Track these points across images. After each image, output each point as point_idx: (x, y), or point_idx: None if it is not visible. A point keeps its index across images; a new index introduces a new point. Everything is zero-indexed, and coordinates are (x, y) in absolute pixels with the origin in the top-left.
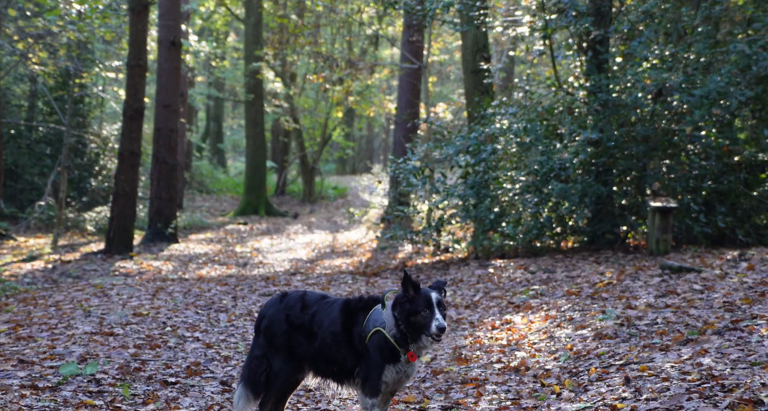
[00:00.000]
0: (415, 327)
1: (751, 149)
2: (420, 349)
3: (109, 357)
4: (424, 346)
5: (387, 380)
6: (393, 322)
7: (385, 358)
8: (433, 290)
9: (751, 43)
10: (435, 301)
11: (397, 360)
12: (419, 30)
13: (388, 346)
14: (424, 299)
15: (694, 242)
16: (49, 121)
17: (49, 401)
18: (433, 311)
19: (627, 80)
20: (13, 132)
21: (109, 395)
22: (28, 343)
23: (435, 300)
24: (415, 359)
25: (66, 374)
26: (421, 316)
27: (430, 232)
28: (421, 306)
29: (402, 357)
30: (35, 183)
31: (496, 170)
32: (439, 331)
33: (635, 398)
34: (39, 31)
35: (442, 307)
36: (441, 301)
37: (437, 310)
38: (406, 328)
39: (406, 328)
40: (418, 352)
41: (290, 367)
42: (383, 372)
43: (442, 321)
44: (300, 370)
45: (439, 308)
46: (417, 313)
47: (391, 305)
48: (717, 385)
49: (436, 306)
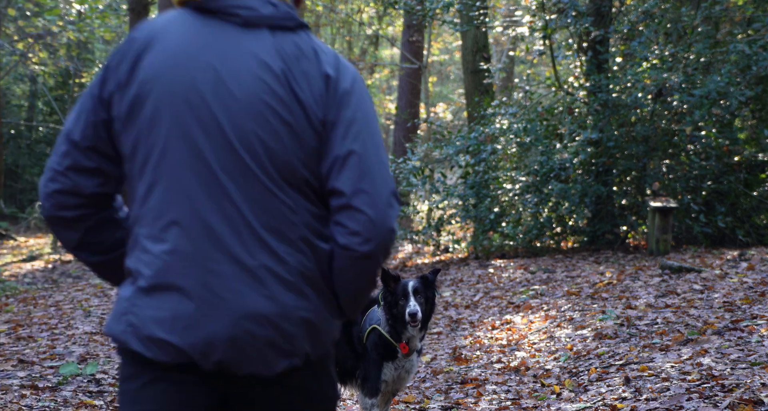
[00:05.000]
0: (397, 317)
1: (751, 149)
2: (409, 340)
3: (109, 357)
4: (411, 335)
5: (386, 379)
6: (385, 318)
7: (382, 356)
8: (412, 279)
9: (751, 43)
10: (411, 289)
11: (394, 357)
12: (419, 30)
13: (383, 342)
14: (402, 289)
15: (694, 242)
16: (49, 121)
17: (49, 401)
18: (408, 299)
19: (627, 80)
20: (13, 132)
21: (109, 395)
22: (28, 343)
23: (411, 288)
24: (407, 351)
25: (66, 374)
26: (399, 306)
27: (430, 232)
28: (399, 295)
29: (399, 353)
30: (35, 183)
31: (496, 170)
32: (410, 316)
33: (635, 398)
34: (39, 31)
35: (418, 294)
36: (418, 288)
37: (412, 298)
38: (392, 321)
39: (392, 321)
40: (409, 343)
41: None
42: (382, 370)
43: (413, 307)
44: None
45: (415, 296)
46: (397, 303)
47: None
48: (717, 385)
49: (411, 294)
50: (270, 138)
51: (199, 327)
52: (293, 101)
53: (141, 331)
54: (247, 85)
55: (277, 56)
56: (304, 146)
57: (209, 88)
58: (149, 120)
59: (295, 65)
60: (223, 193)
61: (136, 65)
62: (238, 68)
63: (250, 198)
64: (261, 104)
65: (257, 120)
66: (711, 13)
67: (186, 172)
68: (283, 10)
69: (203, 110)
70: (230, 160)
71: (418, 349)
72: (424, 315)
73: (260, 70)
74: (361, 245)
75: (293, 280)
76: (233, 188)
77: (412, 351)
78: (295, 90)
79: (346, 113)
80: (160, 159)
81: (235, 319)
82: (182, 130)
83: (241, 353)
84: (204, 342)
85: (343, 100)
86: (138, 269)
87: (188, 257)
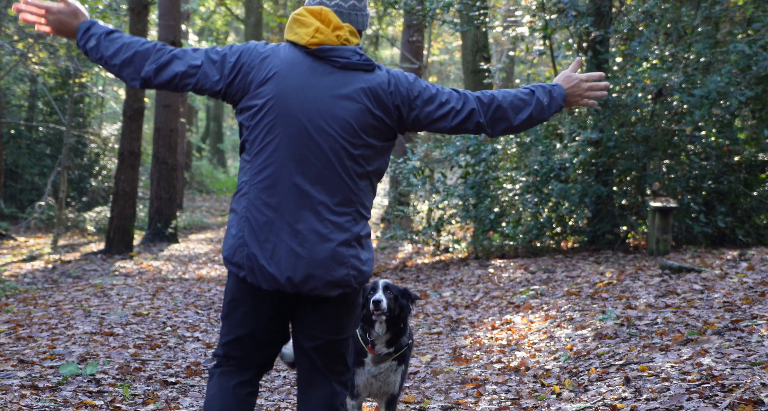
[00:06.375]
0: (366, 316)
1: (751, 149)
2: (375, 340)
3: (109, 357)
4: (377, 334)
5: (359, 384)
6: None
7: (354, 360)
8: (387, 280)
9: (751, 43)
10: (381, 285)
11: (362, 360)
12: (419, 30)
13: (356, 347)
14: (372, 284)
15: (694, 242)
16: (49, 121)
17: (49, 401)
18: (376, 291)
19: (627, 80)
20: (13, 132)
21: (109, 395)
22: (28, 343)
23: (382, 284)
24: (374, 352)
25: (66, 374)
26: (366, 300)
27: (430, 232)
28: (368, 290)
29: (368, 357)
30: (35, 183)
31: (496, 170)
32: (374, 304)
33: (635, 398)
34: (39, 31)
35: (388, 290)
36: (389, 285)
37: (380, 290)
38: (362, 321)
39: (361, 321)
40: (375, 343)
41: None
42: (354, 376)
43: (378, 296)
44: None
45: (384, 290)
46: (366, 299)
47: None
48: (717, 385)
49: (381, 288)
50: (350, 148)
51: (286, 261)
52: (373, 119)
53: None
54: (340, 110)
55: (363, 91)
56: (370, 149)
57: (315, 110)
58: (267, 122)
59: (375, 97)
60: (314, 175)
61: (267, 79)
62: (336, 98)
63: (329, 182)
64: (347, 125)
65: (344, 135)
66: (711, 13)
67: (289, 162)
68: (365, 58)
69: (308, 125)
70: (319, 157)
71: (383, 353)
72: (391, 313)
73: (351, 101)
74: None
75: (347, 238)
76: (320, 173)
77: (379, 354)
78: (375, 113)
79: (419, 95)
80: (272, 147)
81: (311, 260)
82: (290, 136)
83: (311, 283)
84: (290, 273)
85: (409, 94)
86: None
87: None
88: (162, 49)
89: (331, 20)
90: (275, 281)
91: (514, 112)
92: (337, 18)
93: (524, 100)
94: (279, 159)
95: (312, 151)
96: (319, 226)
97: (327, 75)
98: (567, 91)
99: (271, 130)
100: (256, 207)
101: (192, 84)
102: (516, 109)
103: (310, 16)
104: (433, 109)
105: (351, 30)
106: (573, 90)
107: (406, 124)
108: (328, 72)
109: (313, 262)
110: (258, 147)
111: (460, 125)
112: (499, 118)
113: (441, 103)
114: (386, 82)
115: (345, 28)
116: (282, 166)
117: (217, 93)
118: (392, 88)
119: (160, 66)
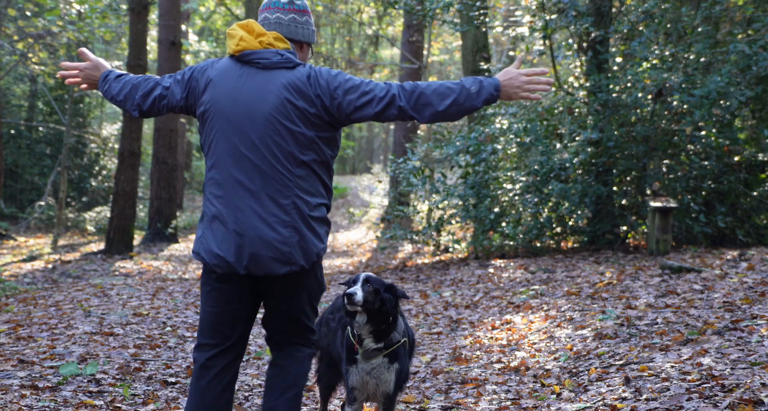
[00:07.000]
0: (344, 307)
1: (751, 149)
2: (360, 333)
3: (109, 357)
4: (359, 325)
5: (354, 384)
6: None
7: (347, 359)
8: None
9: (751, 43)
10: (362, 278)
11: (354, 358)
12: (419, 30)
13: (348, 344)
14: (353, 278)
15: (694, 242)
16: (49, 121)
17: (49, 401)
18: (356, 284)
19: (627, 80)
20: (13, 132)
21: (109, 395)
22: (28, 343)
23: (362, 277)
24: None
25: (66, 374)
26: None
27: (430, 232)
28: (349, 283)
29: (359, 354)
30: (35, 183)
31: (496, 170)
32: (347, 297)
33: (635, 398)
34: (39, 31)
35: (368, 283)
36: (370, 277)
37: (359, 284)
38: (345, 313)
39: (345, 314)
40: (362, 337)
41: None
42: (349, 377)
43: (351, 289)
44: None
45: (363, 284)
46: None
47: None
48: (717, 385)
49: (360, 282)
50: (278, 138)
51: (233, 246)
52: (295, 109)
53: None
54: (263, 104)
55: (283, 85)
56: (300, 139)
57: (242, 108)
58: (210, 126)
59: (294, 89)
60: (248, 167)
61: (206, 89)
62: (259, 94)
63: (263, 171)
64: (271, 117)
65: (270, 126)
66: (711, 13)
67: (227, 158)
68: (286, 57)
69: (238, 122)
70: (251, 149)
71: (370, 348)
72: (370, 306)
73: (273, 95)
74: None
75: (289, 220)
76: (253, 164)
77: (368, 350)
78: (296, 104)
79: (339, 85)
80: (215, 147)
81: (253, 243)
82: (225, 135)
83: (258, 263)
84: (236, 256)
85: (328, 85)
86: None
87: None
88: (148, 79)
89: (254, 29)
90: (227, 264)
91: (439, 98)
92: (260, 27)
93: (450, 88)
94: (220, 156)
95: (245, 145)
96: (261, 211)
97: (252, 76)
98: (502, 82)
99: (212, 131)
100: (209, 200)
101: (165, 105)
102: (440, 96)
103: (238, 28)
104: (355, 98)
105: (276, 36)
106: (510, 82)
107: (334, 113)
108: (253, 74)
109: (257, 243)
110: (207, 148)
111: (384, 111)
112: (424, 104)
113: (364, 93)
114: (306, 75)
115: (269, 35)
116: (223, 162)
117: (182, 108)
118: (312, 81)
119: (145, 93)
